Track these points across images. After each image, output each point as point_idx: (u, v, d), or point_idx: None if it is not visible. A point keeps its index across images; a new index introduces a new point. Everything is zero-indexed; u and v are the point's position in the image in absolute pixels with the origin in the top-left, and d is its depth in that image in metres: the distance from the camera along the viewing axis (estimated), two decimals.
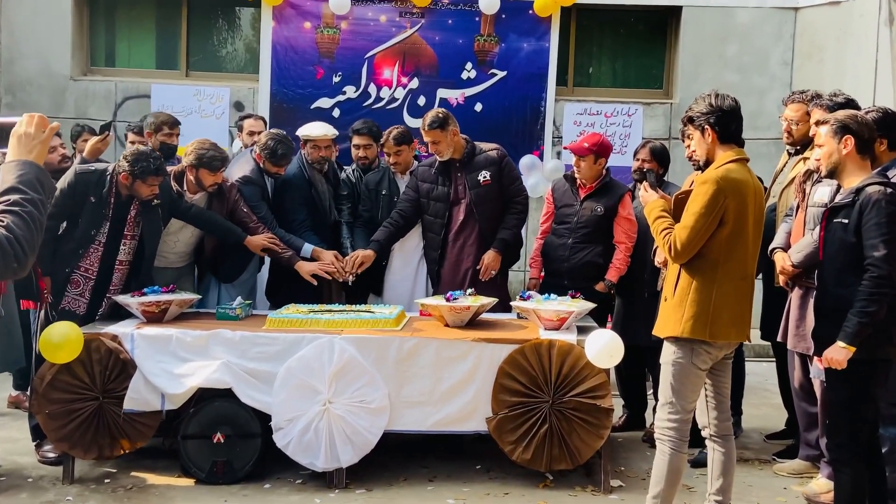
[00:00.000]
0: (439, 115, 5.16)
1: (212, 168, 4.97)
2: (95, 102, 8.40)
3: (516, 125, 8.44)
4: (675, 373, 3.62)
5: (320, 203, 5.44)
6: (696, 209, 3.48)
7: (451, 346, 4.45)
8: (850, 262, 3.55)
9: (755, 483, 4.63)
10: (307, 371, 4.37)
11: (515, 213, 5.31)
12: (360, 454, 4.40)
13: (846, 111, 3.81)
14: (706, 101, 3.58)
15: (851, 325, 3.46)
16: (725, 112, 3.54)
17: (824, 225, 3.72)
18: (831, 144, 3.67)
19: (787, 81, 8.57)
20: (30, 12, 8.42)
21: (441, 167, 5.30)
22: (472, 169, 5.23)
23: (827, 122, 3.77)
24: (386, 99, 8.43)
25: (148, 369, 4.38)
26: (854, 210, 3.53)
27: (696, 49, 8.70)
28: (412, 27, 8.41)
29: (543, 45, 8.47)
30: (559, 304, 4.68)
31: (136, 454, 4.71)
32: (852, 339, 3.46)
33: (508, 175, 5.29)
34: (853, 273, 3.53)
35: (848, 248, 3.55)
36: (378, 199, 5.54)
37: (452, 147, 5.21)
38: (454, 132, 5.20)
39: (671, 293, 3.63)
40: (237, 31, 9.04)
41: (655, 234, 3.68)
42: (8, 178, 2.12)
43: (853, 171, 3.65)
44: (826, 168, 3.73)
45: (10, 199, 2.08)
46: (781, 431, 5.39)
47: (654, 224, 3.68)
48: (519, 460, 4.42)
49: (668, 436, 3.65)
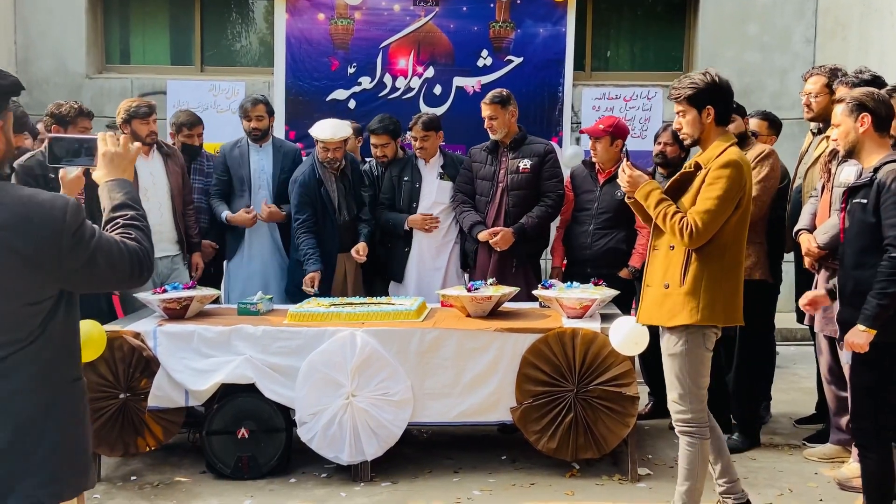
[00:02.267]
0: (503, 92, 5.29)
1: (139, 115, 5.15)
2: (112, 100, 8.38)
3: (534, 112, 8.37)
4: (691, 361, 3.55)
5: (329, 203, 5.38)
6: (717, 193, 3.39)
7: (473, 337, 4.41)
8: (871, 243, 3.48)
9: (786, 469, 4.57)
10: (329, 365, 4.34)
11: (544, 206, 5.29)
12: (385, 447, 4.38)
13: (863, 89, 3.71)
14: (698, 79, 3.47)
15: (871, 308, 3.39)
16: (725, 92, 3.51)
17: (844, 206, 3.66)
18: (848, 123, 3.60)
19: (809, 60, 8.43)
20: (45, 12, 8.44)
21: (491, 147, 5.37)
22: (517, 155, 5.30)
23: (841, 100, 3.69)
24: (402, 89, 8.40)
25: (171, 366, 4.37)
26: (872, 190, 3.46)
27: (716, 29, 8.59)
28: (426, 15, 8.37)
29: (560, 29, 8.41)
30: (582, 291, 4.63)
31: (162, 451, 4.73)
32: (872, 321, 3.39)
33: (549, 170, 5.31)
34: (874, 254, 3.46)
35: (868, 229, 3.49)
36: (400, 186, 5.53)
37: (507, 128, 5.28)
38: (513, 113, 5.30)
39: (677, 281, 3.48)
40: (251, 24, 9.01)
41: (660, 218, 3.50)
42: (116, 196, 2.25)
43: (872, 149, 3.58)
44: (844, 147, 3.66)
45: (127, 215, 2.21)
46: (811, 416, 5.32)
47: (659, 207, 3.50)
48: (544, 450, 4.38)
49: (692, 427, 3.60)
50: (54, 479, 2.02)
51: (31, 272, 1.95)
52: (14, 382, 1.96)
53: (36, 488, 1.99)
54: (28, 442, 1.98)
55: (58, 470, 2.03)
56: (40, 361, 2.00)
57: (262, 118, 5.64)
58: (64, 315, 2.07)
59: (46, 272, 1.97)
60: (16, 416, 1.96)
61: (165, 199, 5.33)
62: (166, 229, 5.34)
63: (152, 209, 5.21)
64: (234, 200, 5.67)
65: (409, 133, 5.54)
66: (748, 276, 4.64)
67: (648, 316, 3.65)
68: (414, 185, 5.48)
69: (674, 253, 3.52)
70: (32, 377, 1.99)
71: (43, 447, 2.00)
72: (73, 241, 1.98)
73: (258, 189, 5.64)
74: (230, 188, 5.68)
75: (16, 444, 1.96)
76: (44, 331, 2.00)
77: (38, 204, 1.98)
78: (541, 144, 5.39)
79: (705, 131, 3.52)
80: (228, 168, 5.66)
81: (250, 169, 5.65)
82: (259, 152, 5.68)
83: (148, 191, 5.22)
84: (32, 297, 1.97)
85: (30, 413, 1.98)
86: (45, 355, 2.01)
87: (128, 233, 2.16)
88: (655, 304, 3.59)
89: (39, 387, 2.00)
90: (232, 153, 5.69)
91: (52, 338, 2.02)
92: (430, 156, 5.51)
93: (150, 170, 5.28)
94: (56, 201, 2.00)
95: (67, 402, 2.08)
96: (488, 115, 5.27)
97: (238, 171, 5.64)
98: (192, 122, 5.89)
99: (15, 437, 1.96)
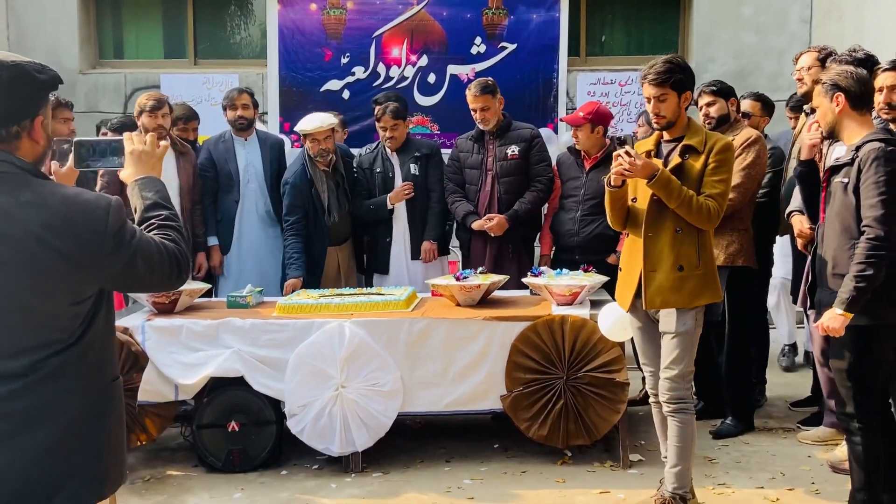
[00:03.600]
0: (488, 81, 5.31)
1: (147, 110, 5.20)
2: (106, 95, 8.40)
3: (529, 98, 8.31)
4: (695, 339, 3.67)
5: (319, 202, 5.34)
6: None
7: (462, 326, 4.39)
8: (851, 223, 3.40)
9: (779, 452, 4.55)
10: (318, 356, 4.34)
11: (534, 191, 5.32)
12: (375, 437, 4.38)
13: (838, 68, 3.62)
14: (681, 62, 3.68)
15: (847, 291, 3.30)
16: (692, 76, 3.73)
17: (825, 185, 3.60)
18: (824, 104, 3.53)
19: (805, 40, 8.33)
20: (37, 8, 8.41)
21: (477, 135, 5.37)
22: (504, 142, 5.30)
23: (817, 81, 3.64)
24: (395, 78, 8.33)
25: (160, 360, 4.37)
26: (853, 169, 3.39)
27: (711, 11, 8.50)
28: (419, 4, 8.30)
29: (553, 15, 8.33)
30: (571, 278, 4.61)
31: (155, 446, 4.74)
32: (849, 305, 3.30)
33: (537, 154, 5.32)
34: (852, 236, 3.39)
35: (848, 209, 3.41)
36: (373, 177, 5.49)
37: (497, 117, 5.28)
38: (501, 101, 5.31)
39: (694, 263, 3.57)
40: (243, 16, 8.96)
41: (685, 202, 3.50)
42: (148, 195, 2.21)
43: (853, 129, 3.48)
44: (825, 129, 3.60)
45: (161, 215, 2.18)
46: (807, 399, 5.28)
47: (683, 191, 3.51)
48: (535, 437, 4.38)
49: (686, 404, 3.67)
50: (98, 478, 2.03)
51: (73, 272, 1.93)
52: (63, 383, 1.95)
53: (81, 488, 1.99)
54: (75, 442, 1.97)
55: (101, 469, 2.03)
56: (86, 361, 1.99)
57: (247, 107, 5.63)
58: (105, 314, 2.06)
59: (88, 272, 1.96)
60: (64, 416, 1.95)
61: (174, 197, 5.29)
62: None
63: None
64: (221, 196, 5.64)
65: (378, 123, 5.47)
66: (731, 263, 4.65)
67: (663, 300, 3.62)
68: (387, 175, 5.45)
69: (683, 236, 3.57)
70: (79, 377, 1.98)
71: (88, 447, 2.00)
72: (114, 242, 1.96)
73: (247, 183, 5.62)
74: (216, 184, 5.64)
75: (63, 444, 1.95)
76: (86, 330, 1.99)
77: (82, 204, 1.95)
78: (527, 129, 5.38)
79: (681, 115, 3.60)
80: (215, 163, 5.62)
81: (237, 163, 5.62)
82: (245, 146, 5.67)
83: None
84: (75, 297, 1.96)
85: (78, 413, 1.98)
86: (90, 355, 2.00)
87: (166, 234, 2.14)
88: (670, 287, 3.59)
89: (86, 386, 2.00)
90: (217, 148, 5.65)
91: (94, 337, 2.01)
92: (398, 145, 5.46)
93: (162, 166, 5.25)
94: (100, 201, 1.98)
95: (109, 401, 2.08)
96: (480, 106, 5.24)
97: (225, 166, 5.60)
98: (187, 116, 5.88)
99: (63, 437, 1.95)
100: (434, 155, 5.49)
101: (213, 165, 5.62)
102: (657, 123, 3.65)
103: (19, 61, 1.94)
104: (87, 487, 2.00)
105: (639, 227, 3.67)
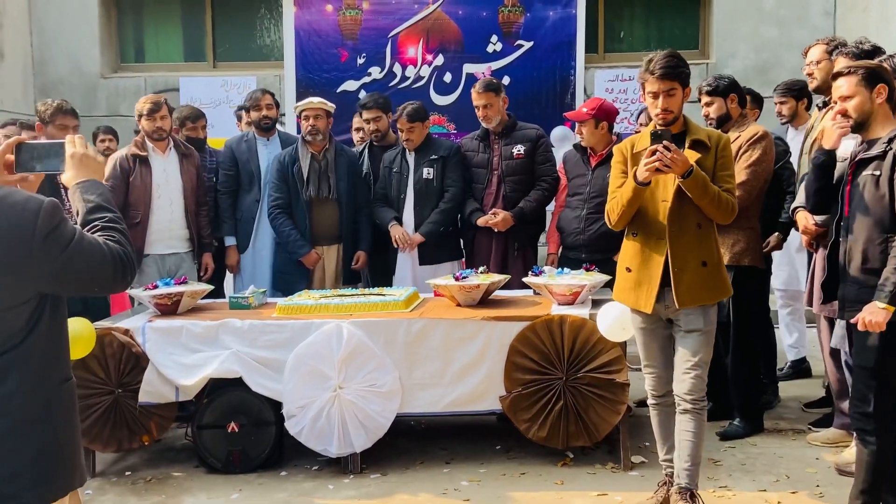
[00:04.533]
0: (493, 80, 5.44)
1: (144, 113, 5.25)
2: (126, 99, 8.50)
3: (546, 96, 8.29)
4: (712, 337, 3.66)
5: (294, 181, 5.41)
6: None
7: (460, 326, 4.36)
8: (884, 216, 3.31)
9: (786, 454, 4.44)
10: (316, 357, 4.33)
11: (540, 189, 5.34)
12: (374, 438, 4.36)
13: (875, 60, 3.56)
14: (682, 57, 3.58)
15: (890, 283, 3.21)
16: None
17: (851, 178, 3.49)
18: (863, 94, 3.42)
19: (829, 33, 8.15)
20: (58, 14, 8.56)
21: (482, 135, 5.40)
22: (509, 142, 5.32)
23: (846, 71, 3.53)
24: (412, 78, 8.36)
25: (160, 361, 4.40)
26: (886, 161, 3.30)
27: (731, 4, 8.39)
28: (434, 3, 8.32)
29: (570, 11, 8.29)
30: (572, 278, 4.55)
31: (160, 446, 4.77)
32: (893, 297, 3.20)
33: (542, 154, 5.35)
34: (885, 229, 3.30)
35: (880, 202, 3.32)
36: (390, 176, 5.51)
37: (500, 116, 5.29)
38: (505, 100, 5.36)
39: (714, 257, 3.58)
40: (261, 18, 9.02)
41: (715, 198, 3.46)
42: (90, 198, 2.18)
43: (884, 122, 3.43)
44: (857, 119, 3.48)
45: (105, 217, 2.15)
46: (820, 399, 5.17)
47: (712, 187, 3.47)
48: (535, 438, 4.33)
49: (705, 398, 3.64)
50: (42, 480, 2.02)
51: (2, 276, 1.92)
52: (6, 385, 1.96)
53: (24, 490, 1.99)
54: (19, 443, 1.98)
55: (46, 471, 2.03)
56: (30, 364, 1.99)
57: (271, 107, 5.76)
58: (49, 317, 2.05)
59: (19, 275, 1.94)
60: (8, 418, 1.96)
61: (178, 197, 5.39)
62: (177, 227, 5.40)
63: (163, 206, 5.33)
64: (242, 195, 5.69)
65: (396, 125, 5.50)
66: (737, 262, 4.55)
67: (696, 297, 3.54)
68: (402, 176, 5.44)
69: (702, 231, 3.56)
70: (24, 380, 1.98)
71: (33, 448, 2.00)
72: (45, 243, 1.94)
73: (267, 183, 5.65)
74: (237, 183, 5.69)
75: (7, 446, 1.96)
76: (29, 334, 1.99)
77: (9, 206, 1.94)
78: (532, 129, 5.37)
79: (681, 109, 3.58)
80: (237, 162, 5.67)
81: (259, 163, 5.66)
82: (267, 146, 5.73)
83: (160, 187, 5.31)
84: (9, 302, 1.95)
85: (23, 415, 1.98)
86: (34, 358, 2.00)
87: (110, 235, 2.11)
88: (700, 284, 3.53)
89: (32, 389, 2.00)
90: (239, 147, 5.71)
91: (38, 340, 2.01)
92: (416, 146, 5.44)
93: (165, 167, 5.34)
94: (29, 203, 1.96)
95: (58, 403, 2.07)
96: (483, 104, 5.26)
97: (247, 165, 5.66)
98: (195, 115, 5.94)
99: (8, 438, 1.96)
100: (452, 157, 5.45)
101: (234, 164, 5.68)
102: (663, 119, 3.52)
103: None
104: (30, 489, 1.99)
105: (650, 227, 3.57)
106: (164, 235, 5.36)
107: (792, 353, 5.97)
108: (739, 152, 4.53)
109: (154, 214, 5.30)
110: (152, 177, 5.27)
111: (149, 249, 5.30)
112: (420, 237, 5.34)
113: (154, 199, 5.29)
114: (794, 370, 5.93)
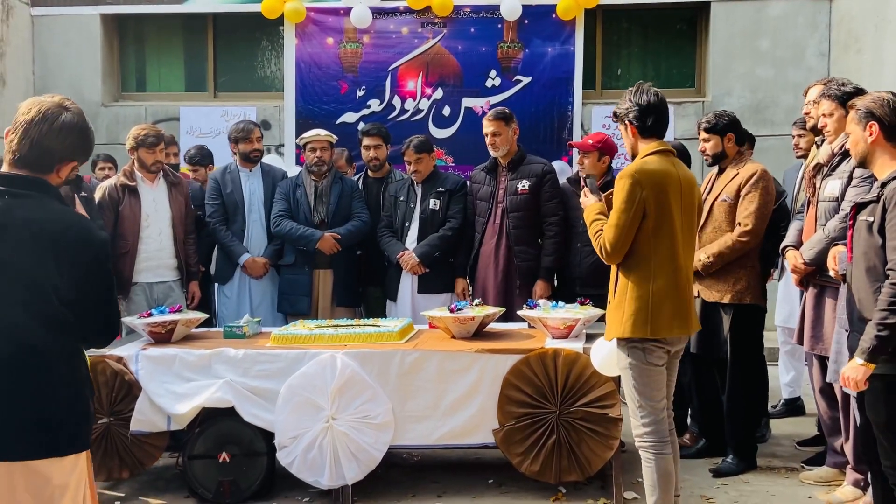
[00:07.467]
0: (505, 109, 5.47)
1: (146, 145, 5.27)
2: (127, 127, 8.41)
3: (544, 131, 8.34)
4: (635, 375, 3.55)
5: (305, 203, 5.57)
6: (616, 206, 3.43)
7: (454, 359, 4.35)
8: (877, 264, 3.18)
9: (778, 492, 4.43)
10: (309, 388, 4.32)
11: (551, 237, 5.30)
12: (366, 470, 4.33)
13: (873, 95, 3.41)
14: (626, 96, 3.55)
15: (868, 339, 3.06)
16: (643, 107, 3.49)
17: (852, 223, 3.38)
18: (857, 132, 3.35)
19: (824, 74, 8.24)
20: (61, 42, 8.64)
21: (490, 167, 5.42)
22: (516, 175, 5.32)
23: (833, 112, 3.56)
24: (410, 111, 8.41)
25: (152, 390, 4.38)
26: (878, 207, 3.18)
27: (728, 45, 8.48)
28: (434, 37, 8.39)
29: (568, 48, 8.37)
30: (566, 311, 4.56)
31: (149, 476, 4.74)
32: (870, 354, 3.05)
33: (548, 191, 5.31)
34: (880, 278, 3.15)
35: (873, 249, 3.19)
36: (396, 205, 5.59)
37: (508, 146, 5.32)
38: (515, 131, 5.38)
39: (612, 294, 3.57)
40: (262, 50, 9.11)
41: (592, 238, 3.60)
42: None
43: (885, 161, 3.29)
44: (856, 158, 3.43)
45: None
46: (814, 437, 5.15)
47: (591, 227, 3.62)
48: (527, 472, 4.30)
49: (648, 441, 3.54)
50: None
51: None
52: None
53: None
54: None
55: None
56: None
57: (260, 139, 5.85)
58: None
59: None
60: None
61: (166, 227, 5.42)
62: (165, 255, 5.43)
63: (152, 235, 5.35)
64: (228, 225, 5.75)
65: (403, 157, 5.57)
66: (738, 301, 4.56)
67: (606, 332, 3.66)
68: (409, 206, 5.50)
69: (612, 268, 3.61)
70: None
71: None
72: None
73: (250, 212, 5.72)
74: (225, 211, 5.75)
75: None
76: None
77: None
78: (539, 164, 5.38)
79: (634, 146, 3.61)
80: (221, 193, 5.72)
81: (243, 193, 5.72)
82: (250, 177, 5.78)
83: (149, 217, 5.34)
84: None
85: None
86: None
87: None
88: (607, 319, 3.62)
89: None
90: (224, 179, 5.77)
91: None
92: (423, 177, 5.52)
93: (154, 196, 5.37)
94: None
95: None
96: (491, 132, 5.31)
97: (231, 196, 5.71)
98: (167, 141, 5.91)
99: None
100: (457, 190, 5.56)
101: (220, 195, 5.73)
102: None
103: None
104: None
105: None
106: (153, 264, 5.38)
107: (787, 391, 5.96)
108: (741, 191, 4.57)
109: (143, 243, 5.33)
110: (141, 206, 5.30)
111: (137, 278, 5.32)
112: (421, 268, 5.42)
113: (143, 229, 5.33)
114: (788, 408, 5.92)
